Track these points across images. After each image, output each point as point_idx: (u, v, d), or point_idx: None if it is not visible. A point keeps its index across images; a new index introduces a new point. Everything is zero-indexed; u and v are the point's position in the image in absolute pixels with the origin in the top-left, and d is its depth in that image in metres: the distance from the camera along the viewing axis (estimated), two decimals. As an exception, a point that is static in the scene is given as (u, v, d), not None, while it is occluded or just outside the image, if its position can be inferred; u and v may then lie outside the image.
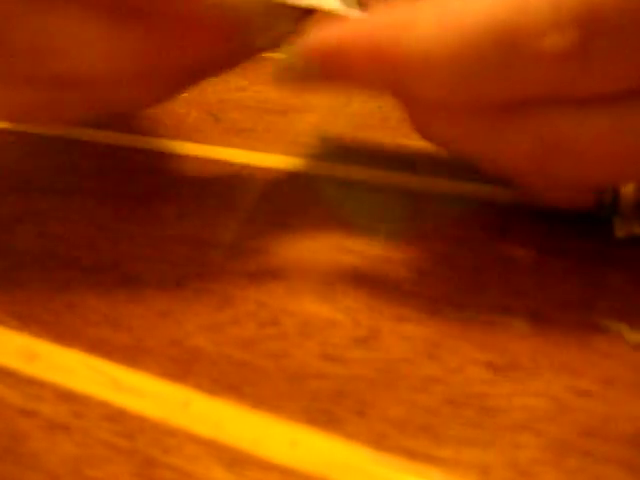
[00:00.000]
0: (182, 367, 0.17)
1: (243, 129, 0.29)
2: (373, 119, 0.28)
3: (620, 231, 0.18)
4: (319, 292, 0.18)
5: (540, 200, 0.19)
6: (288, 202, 0.23)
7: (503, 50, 0.14)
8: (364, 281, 0.19)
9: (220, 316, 0.18)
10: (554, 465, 0.13)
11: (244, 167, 0.25)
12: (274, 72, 0.17)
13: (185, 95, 0.33)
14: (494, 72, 0.14)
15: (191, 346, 0.17)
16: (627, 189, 0.17)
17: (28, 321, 0.19)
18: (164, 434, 0.15)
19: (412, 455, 0.14)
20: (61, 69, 0.17)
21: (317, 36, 0.17)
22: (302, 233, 0.21)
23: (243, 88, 0.33)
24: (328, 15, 0.17)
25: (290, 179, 0.24)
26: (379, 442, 0.14)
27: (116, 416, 0.15)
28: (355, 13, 0.17)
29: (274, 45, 0.19)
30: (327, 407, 0.15)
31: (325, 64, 0.17)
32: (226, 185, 0.24)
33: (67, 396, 0.16)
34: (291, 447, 0.14)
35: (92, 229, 0.22)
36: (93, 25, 0.17)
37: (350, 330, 0.17)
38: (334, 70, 0.17)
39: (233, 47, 0.18)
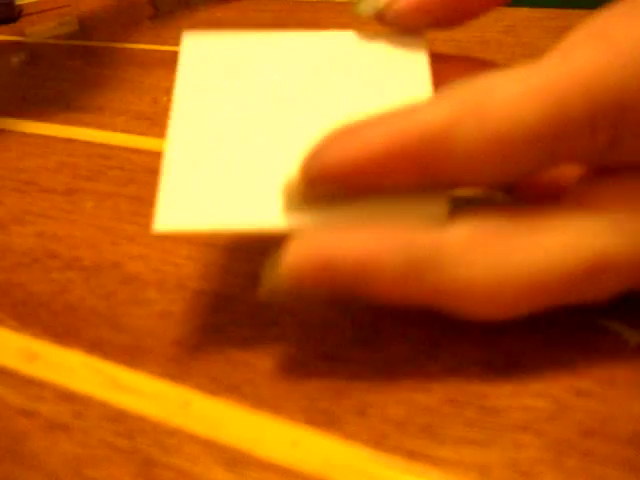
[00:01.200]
0: (182, 367, 0.17)
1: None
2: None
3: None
4: (319, 292, 0.18)
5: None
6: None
7: (543, 146, 0.14)
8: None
9: (220, 316, 0.18)
10: (554, 465, 0.13)
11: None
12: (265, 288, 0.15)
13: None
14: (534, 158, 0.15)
15: (191, 346, 0.17)
16: None
17: (28, 321, 0.19)
18: (164, 434, 0.15)
19: (412, 455, 0.14)
20: None
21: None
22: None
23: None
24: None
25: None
26: (379, 442, 0.14)
27: (116, 416, 0.15)
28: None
29: None
30: (327, 407, 0.15)
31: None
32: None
33: (67, 396, 0.16)
34: (291, 447, 0.14)
35: (92, 229, 0.22)
36: None
37: (350, 330, 0.17)
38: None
39: None
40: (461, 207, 0.15)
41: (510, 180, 0.15)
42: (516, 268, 0.14)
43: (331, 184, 0.15)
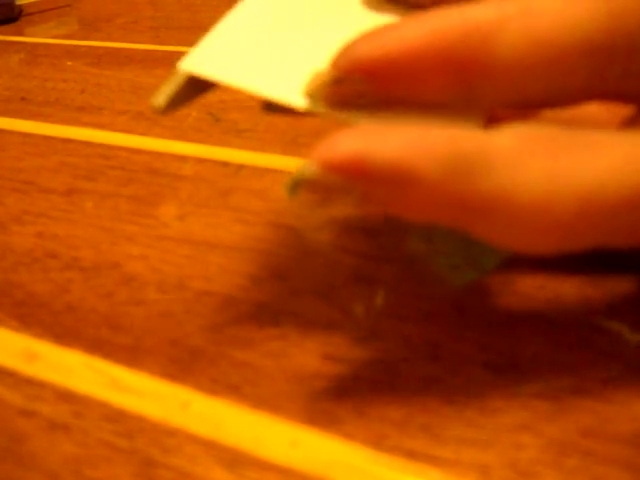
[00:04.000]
0: (182, 367, 0.17)
1: (243, 129, 0.29)
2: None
3: None
4: (319, 292, 0.18)
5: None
6: (288, 202, 0.23)
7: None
8: (364, 281, 0.19)
9: (220, 316, 0.18)
10: (554, 465, 0.13)
11: (244, 167, 0.25)
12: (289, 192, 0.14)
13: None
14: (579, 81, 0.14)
15: (191, 346, 0.17)
16: None
17: (28, 321, 0.19)
18: (164, 434, 0.15)
19: (412, 455, 0.14)
20: None
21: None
22: (302, 233, 0.21)
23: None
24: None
25: (290, 179, 0.24)
26: (379, 442, 0.14)
27: (116, 416, 0.15)
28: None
29: None
30: (327, 407, 0.15)
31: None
32: (226, 185, 0.24)
33: (67, 396, 0.16)
34: (291, 447, 0.14)
35: (92, 229, 0.22)
36: None
37: (350, 330, 0.17)
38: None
39: None
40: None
41: (553, 103, 0.14)
42: (568, 182, 0.13)
43: (360, 80, 0.14)
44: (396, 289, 0.18)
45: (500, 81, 0.14)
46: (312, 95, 0.15)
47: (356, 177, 0.13)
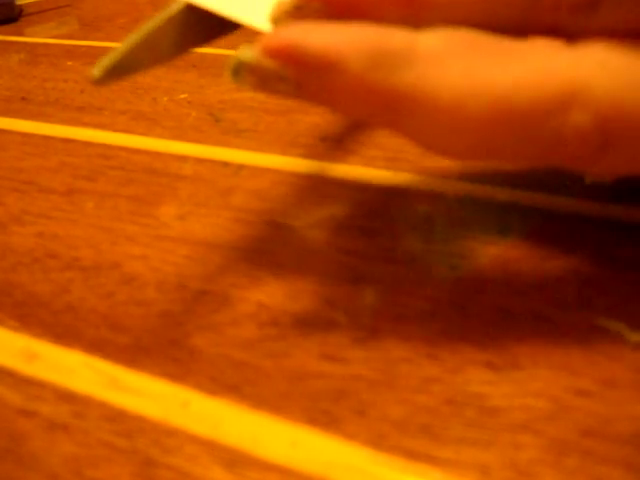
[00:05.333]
0: (182, 367, 0.17)
1: (243, 129, 0.29)
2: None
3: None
4: (319, 292, 0.18)
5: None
6: (288, 202, 0.23)
7: None
8: (364, 281, 0.19)
9: (220, 317, 0.18)
10: (554, 465, 0.13)
11: (244, 167, 0.25)
12: (231, 73, 0.15)
13: (185, 95, 0.33)
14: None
15: (191, 346, 0.17)
16: None
17: (28, 321, 0.19)
18: (164, 434, 0.15)
19: (412, 455, 0.14)
20: None
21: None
22: (302, 233, 0.21)
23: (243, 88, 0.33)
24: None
25: (290, 179, 0.24)
26: (379, 442, 0.14)
27: (116, 416, 0.15)
28: None
29: None
30: (327, 407, 0.15)
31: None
32: (226, 185, 0.24)
33: (67, 396, 0.16)
34: (291, 447, 0.14)
35: (92, 229, 0.22)
36: None
37: (350, 330, 0.17)
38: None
39: None
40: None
41: (492, 28, 0.15)
42: (488, 80, 0.14)
43: (318, 7, 0.15)
44: (396, 289, 0.18)
45: (444, 10, 0.15)
46: (276, 21, 0.16)
47: (289, 62, 0.14)
